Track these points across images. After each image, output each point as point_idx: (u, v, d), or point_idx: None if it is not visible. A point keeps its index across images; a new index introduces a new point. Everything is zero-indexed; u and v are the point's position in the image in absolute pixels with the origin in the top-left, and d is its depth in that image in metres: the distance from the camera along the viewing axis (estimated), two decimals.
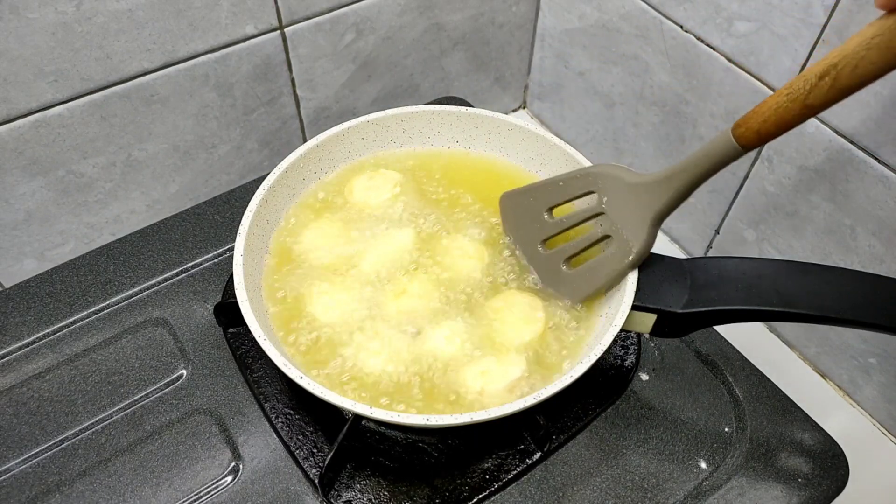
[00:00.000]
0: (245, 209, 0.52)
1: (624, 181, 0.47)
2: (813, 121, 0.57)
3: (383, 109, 0.60)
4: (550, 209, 0.51)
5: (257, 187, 0.54)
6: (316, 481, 0.49)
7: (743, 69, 0.61)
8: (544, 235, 0.51)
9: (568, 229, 0.50)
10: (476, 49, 0.82)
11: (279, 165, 0.55)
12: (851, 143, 0.55)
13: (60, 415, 0.53)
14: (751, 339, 0.62)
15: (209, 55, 0.63)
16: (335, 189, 0.59)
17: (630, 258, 0.47)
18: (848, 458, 0.53)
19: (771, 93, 0.59)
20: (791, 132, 0.60)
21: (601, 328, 0.49)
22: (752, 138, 0.40)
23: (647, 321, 0.48)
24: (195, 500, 0.49)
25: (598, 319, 0.51)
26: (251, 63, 0.66)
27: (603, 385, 0.56)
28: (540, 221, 0.51)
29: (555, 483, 0.51)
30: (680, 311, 0.47)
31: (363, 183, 0.58)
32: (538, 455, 0.52)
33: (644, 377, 0.57)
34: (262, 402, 0.54)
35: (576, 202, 0.50)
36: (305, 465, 0.50)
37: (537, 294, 0.52)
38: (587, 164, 0.56)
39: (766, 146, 0.62)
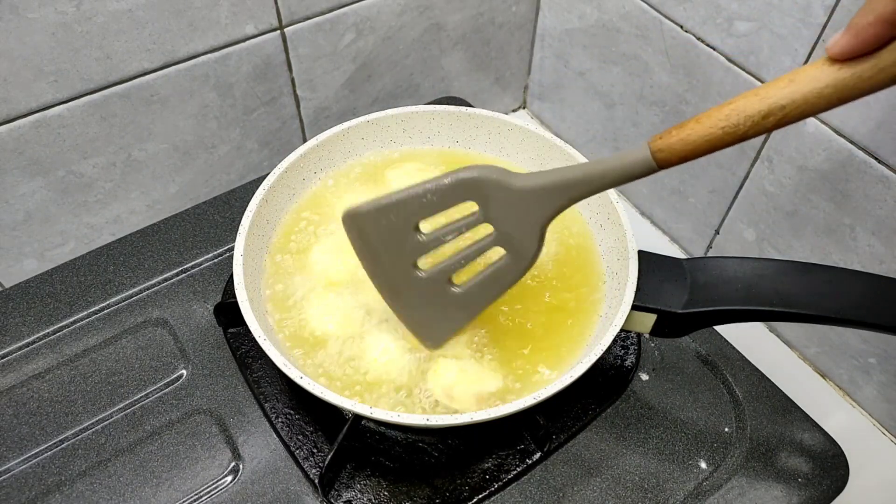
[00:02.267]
0: (245, 209, 0.52)
1: (508, 187, 0.41)
2: (813, 121, 0.57)
3: (383, 109, 0.60)
4: (417, 226, 0.44)
5: (257, 187, 0.54)
6: (316, 481, 0.49)
7: (743, 69, 0.61)
8: (417, 256, 0.44)
9: (444, 242, 0.44)
10: (476, 49, 0.82)
11: (279, 165, 0.55)
12: (851, 143, 0.55)
13: (60, 415, 0.53)
14: (751, 339, 0.62)
15: (209, 55, 0.63)
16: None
17: (523, 267, 0.43)
18: (848, 458, 0.53)
19: None
20: (791, 132, 0.60)
21: (601, 328, 0.50)
22: (673, 161, 0.38)
23: (647, 321, 0.48)
24: (195, 500, 0.49)
25: (596, 319, 0.51)
26: (251, 63, 0.66)
27: (603, 385, 0.56)
28: (408, 241, 0.43)
29: (555, 483, 0.51)
30: (680, 311, 0.47)
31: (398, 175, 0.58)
32: (538, 455, 0.52)
33: (644, 377, 0.57)
34: (262, 402, 0.54)
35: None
36: (305, 465, 0.50)
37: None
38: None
39: (766, 146, 0.62)
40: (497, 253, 0.44)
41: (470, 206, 0.42)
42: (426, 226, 0.44)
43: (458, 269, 0.44)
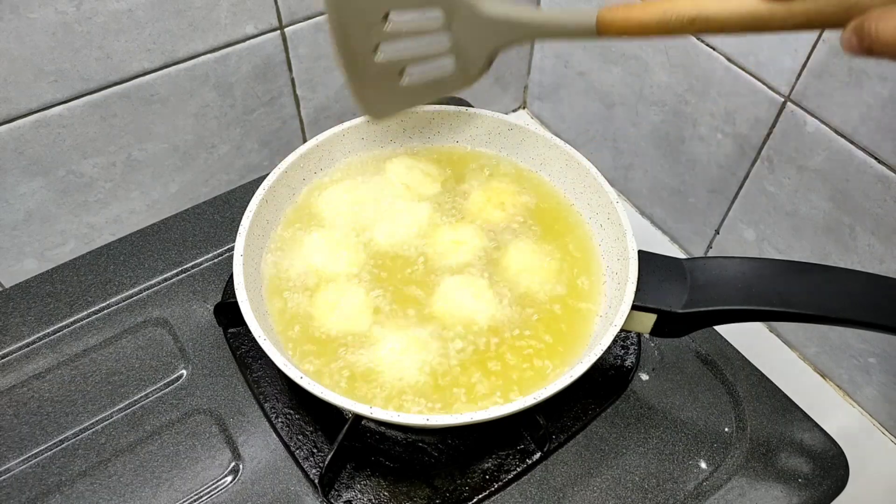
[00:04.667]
0: (245, 209, 0.52)
1: (473, 8, 0.45)
2: (813, 121, 0.57)
3: None
4: (387, 15, 0.47)
5: (257, 187, 0.54)
6: (316, 481, 0.49)
7: (743, 69, 0.61)
8: (379, 41, 0.48)
9: (405, 37, 0.48)
10: None
11: (279, 165, 0.55)
12: (851, 143, 0.55)
13: (60, 415, 0.53)
14: (751, 339, 0.61)
15: (209, 55, 0.63)
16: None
17: (467, 82, 0.48)
18: (848, 458, 0.53)
19: (771, 92, 0.59)
20: (791, 132, 0.60)
21: (601, 328, 0.50)
22: (611, 34, 0.41)
23: (647, 321, 0.48)
24: (195, 501, 0.49)
25: (596, 319, 0.51)
26: (251, 63, 0.66)
27: (603, 385, 0.56)
28: (377, 26, 0.47)
29: (555, 483, 0.51)
30: (680, 311, 0.47)
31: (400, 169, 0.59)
32: (538, 455, 0.52)
33: (644, 377, 0.57)
34: (262, 402, 0.54)
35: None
36: (305, 465, 0.50)
37: None
38: (587, 164, 0.56)
39: (766, 146, 0.62)
40: (445, 62, 0.48)
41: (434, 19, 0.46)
42: (395, 17, 0.47)
43: (410, 64, 0.49)
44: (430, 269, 0.54)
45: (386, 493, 0.49)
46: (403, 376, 0.48)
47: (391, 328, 0.50)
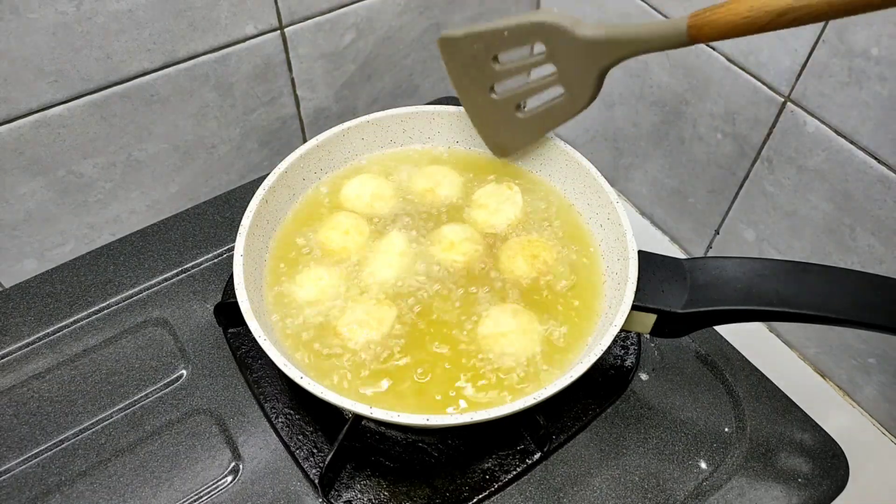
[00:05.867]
0: (245, 209, 0.52)
1: (572, 35, 0.47)
2: (813, 121, 0.57)
3: (383, 109, 0.60)
4: (496, 57, 0.52)
5: (257, 187, 0.54)
6: (316, 481, 0.49)
7: (743, 69, 0.61)
8: (493, 81, 0.52)
9: (515, 74, 0.52)
10: None
11: (279, 166, 0.55)
12: (851, 143, 0.55)
13: (60, 415, 0.53)
14: (751, 339, 0.61)
15: (209, 55, 0.63)
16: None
17: (580, 106, 0.49)
18: (848, 458, 0.53)
19: (771, 92, 0.59)
20: (791, 132, 0.60)
21: (601, 328, 0.49)
22: (702, 40, 0.42)
23: (647, 321, 0.48)
24: (195, 501, 0.49)
25: (596, 319, 0.51)
26: (251, 63, 0.66)
27: (603, 385, 0.56)
28: (488, 68, 0.52)
29: (555, 483, 0.51)
30: (680, 311, 0.47)
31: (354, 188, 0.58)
32: (538, 455, 0.52)
33: (644, 377, 0.57)
34: (262, 402, 0.54)
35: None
36: (305, 465, 0.50)
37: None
38: (587, 164, 0.56)
39: (766, 146, 0.62)
40: (558, 91, 0.50)
41: (539, 53, 0.50)
42: (503, 58, 0.52)
43: (525, 98, 0.52)
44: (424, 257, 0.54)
45: (386, 493, 0.49)
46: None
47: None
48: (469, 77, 0.53)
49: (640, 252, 0.49)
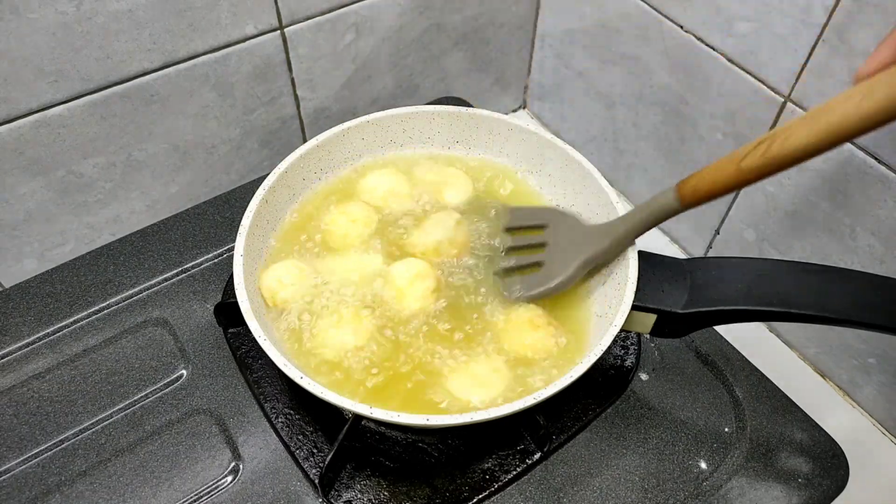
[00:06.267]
0: (245, 209, 0.52)
1: (571, 225, 0.53)
2: None
3: (383, 109, 0.60)
4: (509, 229, 0.56)
5: (257, 187, 0.54)
6: (316, 481, 0.49)
7: (743, 69, 0.61)
8: (505, 247, 0.56)
9: (517, 249, 0.55)
10: (476, 49, 0.82)
11: (279, 166, 0.55)
12: (851, 143, 0.55)
13: (60, 415, 0.53)
14: (751, 339, 0.62)
15: (209, 55, 0.63)
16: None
17: (550, 286, 0.50)
18: (848, 458, 0.53)
19: (771, 92, 0.59)
20: None
21: (601, 328, 0.49)
22: (689, 197, 0.44)
23: (647, 321, 0.48)
24: (195, 501, 0.49)
25: (596, 319, 0.51)
26: (251, 63, 0.66)
27: (603, 385, 0.56)
28: (501, 236, 0.56)
29: (555, 483, 0.51)
30: (680, 311, 0.47)
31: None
32: (538, 455, 0.52)
33: (644, 377, 0.57)
34: (262, 402, 0.54)
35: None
36: (305, 465, 0.50)
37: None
38: (587, 164, 0.56)
39: None
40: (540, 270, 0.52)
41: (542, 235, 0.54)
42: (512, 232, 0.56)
43: (515, 268, 0.54)
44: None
45: (386, 493, 0.49)
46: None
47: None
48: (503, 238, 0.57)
49: (640, 252, 0.50)
